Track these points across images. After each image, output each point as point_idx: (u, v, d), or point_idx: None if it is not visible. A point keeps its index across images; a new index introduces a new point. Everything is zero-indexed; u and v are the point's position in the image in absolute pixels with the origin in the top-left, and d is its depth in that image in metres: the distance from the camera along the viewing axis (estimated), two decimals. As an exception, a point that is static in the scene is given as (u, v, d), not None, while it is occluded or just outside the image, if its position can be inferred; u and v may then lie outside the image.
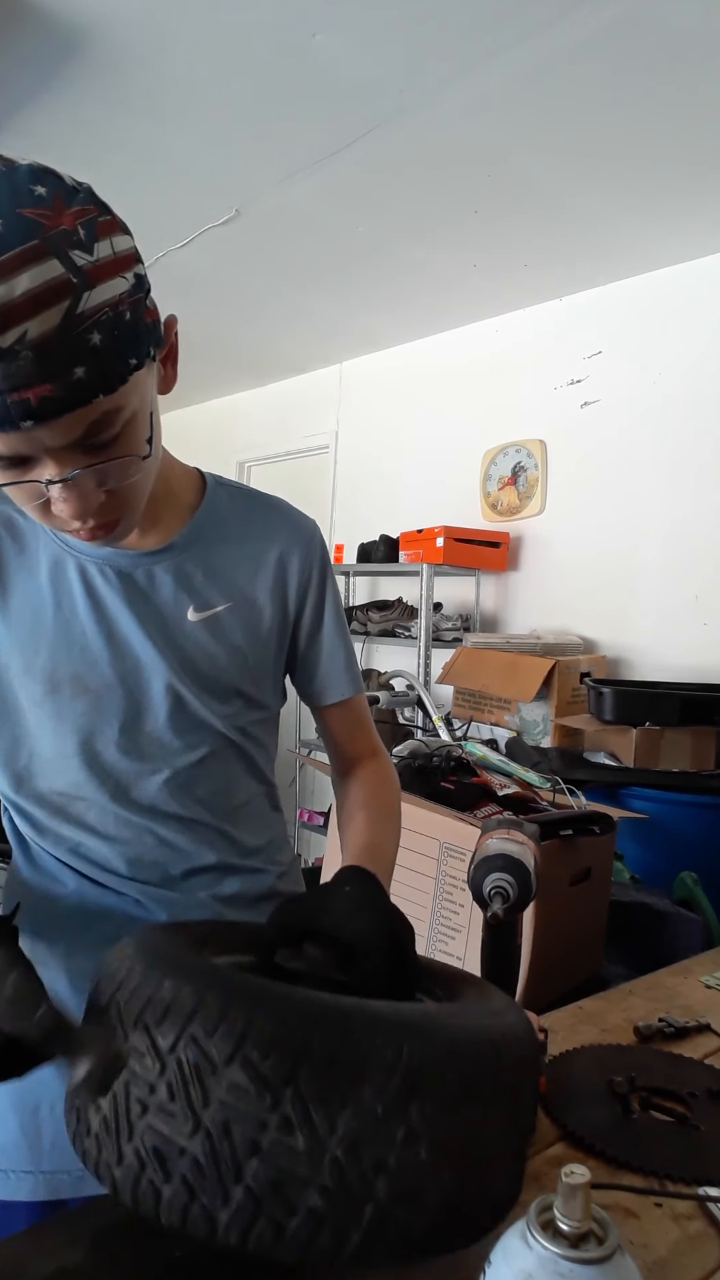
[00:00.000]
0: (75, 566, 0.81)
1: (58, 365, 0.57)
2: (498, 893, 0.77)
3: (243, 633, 0.87)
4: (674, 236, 2.73)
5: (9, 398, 0.56)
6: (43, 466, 0.63)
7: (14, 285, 0.54)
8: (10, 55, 1.95)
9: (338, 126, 2.17)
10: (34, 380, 0.56)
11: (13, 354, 0.55)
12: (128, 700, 0.82)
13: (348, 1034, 0.48)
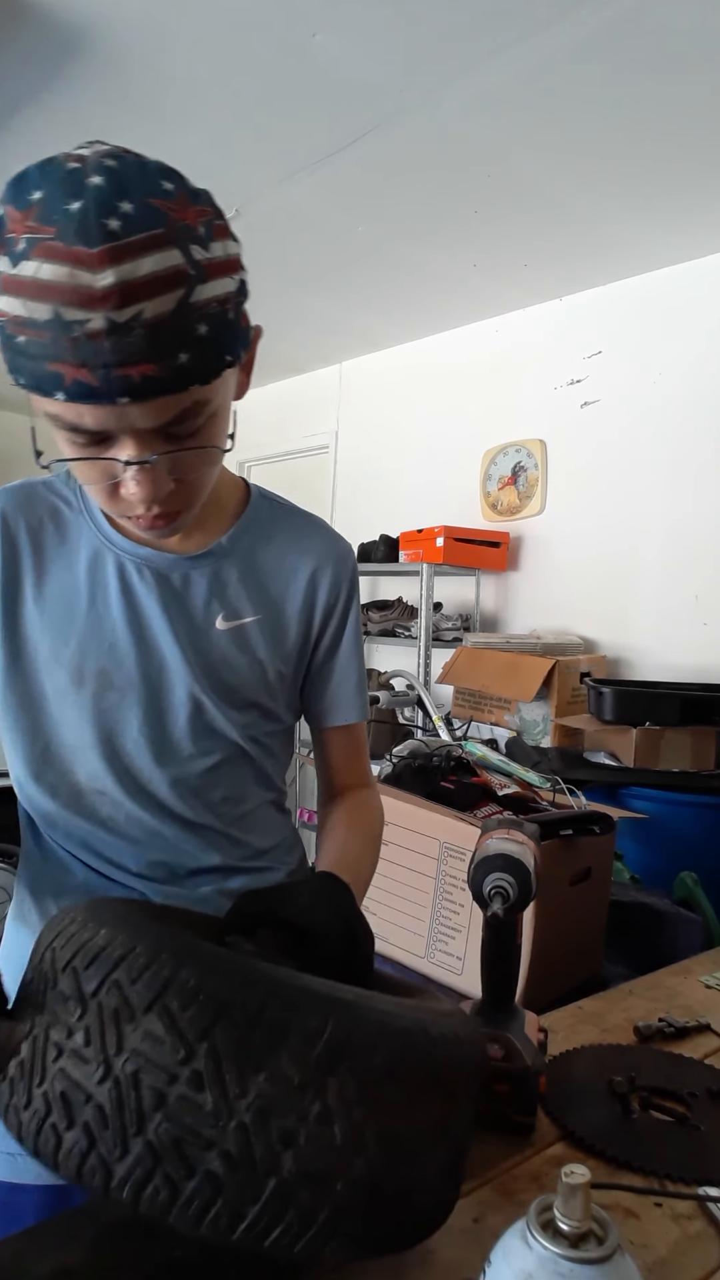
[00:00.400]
0: (114, 563, 0.82)
1: (166, 347, 0.58)
2: (498, 893, 0.77)
3: (267, 646, 0.88)
4: (674, 236, 2.73)
5: (114, 371, 0.57)
6: (122, 446, 0.64)
7: (139, 265, 0.56)
8: (10, 55, 1.95)
9: (338, 126, 2.17)
10: (141, 358, 0.58)
11: (126, 329, 0.57)
12: (150, 701, 0.82)
13: (273, 996, 0.46)
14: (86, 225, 0.55)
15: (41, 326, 0.57)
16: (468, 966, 1.29)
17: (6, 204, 0.58)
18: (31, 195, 0.57)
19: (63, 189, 0.56)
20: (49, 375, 0.58)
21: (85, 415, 0.61)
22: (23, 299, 0.57)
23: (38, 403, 0.62)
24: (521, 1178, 0.72)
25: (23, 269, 0.56)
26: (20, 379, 0.61)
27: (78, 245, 0.55)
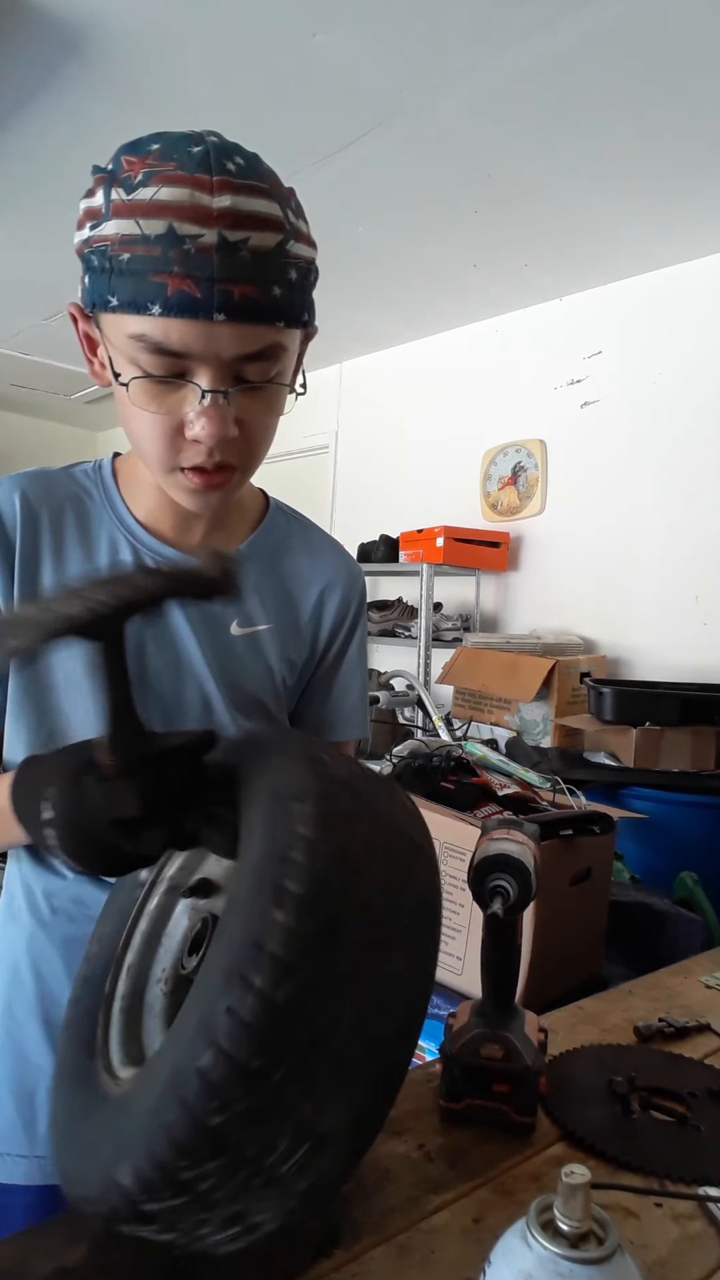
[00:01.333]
0: (134, 558, 0.82)
1: (265, 275, 0.63)
2: (498, 893, 0.77)
3: (277, 654, 0.89)
4: (674, 236, 2.73)
5: (217, 285, 0.61)
6: (199, 377, 0.65)
7: (250, 201, 0.62)
8: (10, 55, 1.95)
9: (338, 126, 2.17)
10: (243, 278, 0.62)
11: (234, 248, 0.61)
12: (160, 698, 0.83)
13: None
14: (208, 160, 0.61)
15: (153, 241, 0.60)
16: (468, 966, 1.29)
17: (123, 155, 0.63)
18: (149, 146, 0.62)
19: (183, 140, 0.62)
20: (151, 286, 0.61)
21: (173, 333, 0.63)
22: (135, 218, 0.60)
23: (122, 325, 0.64)
24: (521, 1178, 0.72)
25: (139, 194, 0.61)
26: (113, 299, 0.63)
27: (199, 174, 0.60)
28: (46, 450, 5.73)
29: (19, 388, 4.99)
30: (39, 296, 3.46)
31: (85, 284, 0.66)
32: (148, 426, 0.69)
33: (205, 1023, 0.42)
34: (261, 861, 0.45)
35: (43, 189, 2.58)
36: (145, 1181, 0.42)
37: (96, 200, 0.64)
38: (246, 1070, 0.40)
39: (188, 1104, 0.40)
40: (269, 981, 0.41)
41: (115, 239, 0.62)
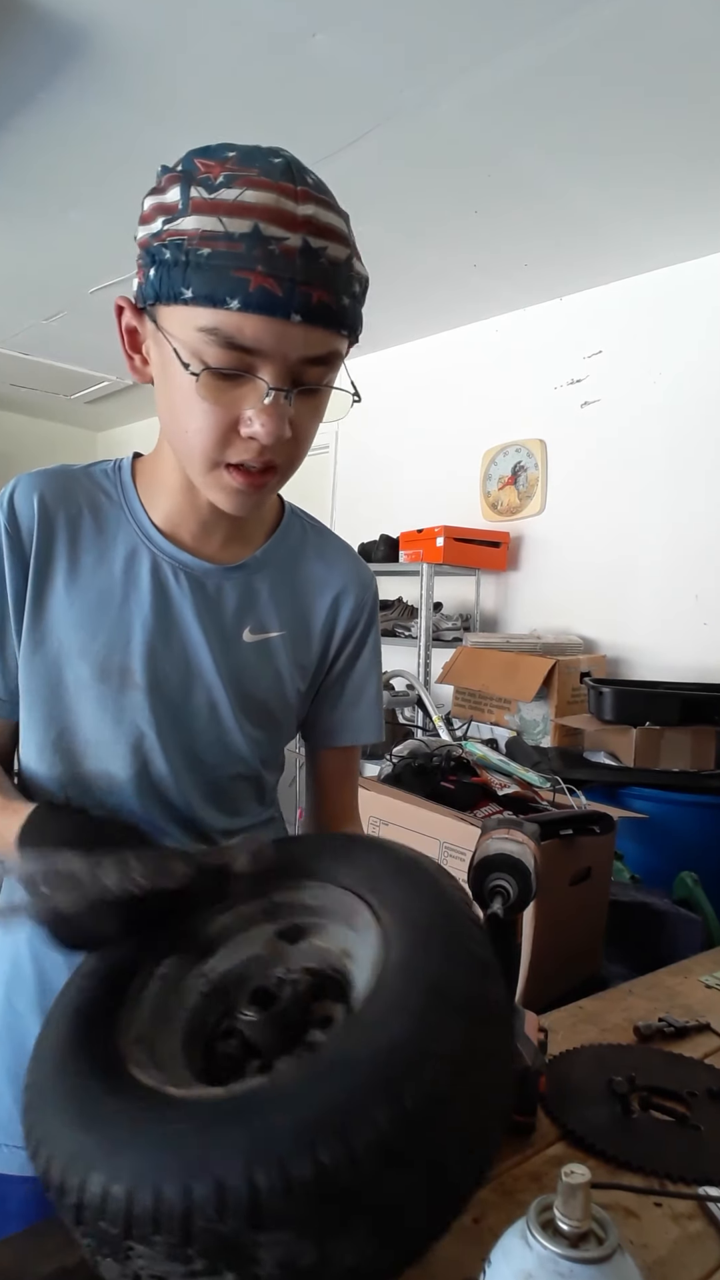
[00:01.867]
0: (150, 562, 0.82)
1: (338, 284, 0.66)
2: (498, 892, 0.77)
3: (289, 661, 0.89)
4: (674, 236, 2.73)
5: (299, 286, 0.63)
6: (263, 376, 0.67)
7: (327, 214, 0.65)
8: (10, 55, 1.95)
9: (338, 126, 2.17)
10: (321, 284, 0.65)
11: (315, 255, 0.64)
12: (171, 704, 0.83)
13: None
14: (290, 171, 0.64)
15: (236, 238, 0.62)
16: (468, 966, 1.29)
17: (196, 159, 0.65)
18: (225, 153, 0.65)
19: (259, 151, 0.65)
20: (232, 281, 0.63)
21: (248, 328, 0.64)
22: (219, 216, 0.62)
23: (193, 317, 0.65)
24: (521, 1178, 0.72)
25: (222, 194, 0.63)
26: (187, 291, 0.64)
27: (283, 181, 0.63)
28: (46, 450, 5.73)
29: (19, 388, 4.99)
30: (39, 296, 3.46)
31: (148, 277, 0.67)
32: (201, 419, 0.69)
33: (386, 1081, 0.47)
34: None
35: (43, 189, 2.58)
36: (279, 1192, 0.44)
37: (170, 197, 0.65)
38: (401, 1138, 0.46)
39: (347, 1141, 0.45)
40: (440, 1079, 0.49)
41: (195, 234, 0.63)
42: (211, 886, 0.59)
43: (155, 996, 0.61)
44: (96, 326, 3.79)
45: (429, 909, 0.60)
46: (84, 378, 4.67)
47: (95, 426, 6.13)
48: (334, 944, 0.65)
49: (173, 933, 0.65)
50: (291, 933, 0.67)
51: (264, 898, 0.69)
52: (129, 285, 0.73)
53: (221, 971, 0.65)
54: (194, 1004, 0.62)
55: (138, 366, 0.76)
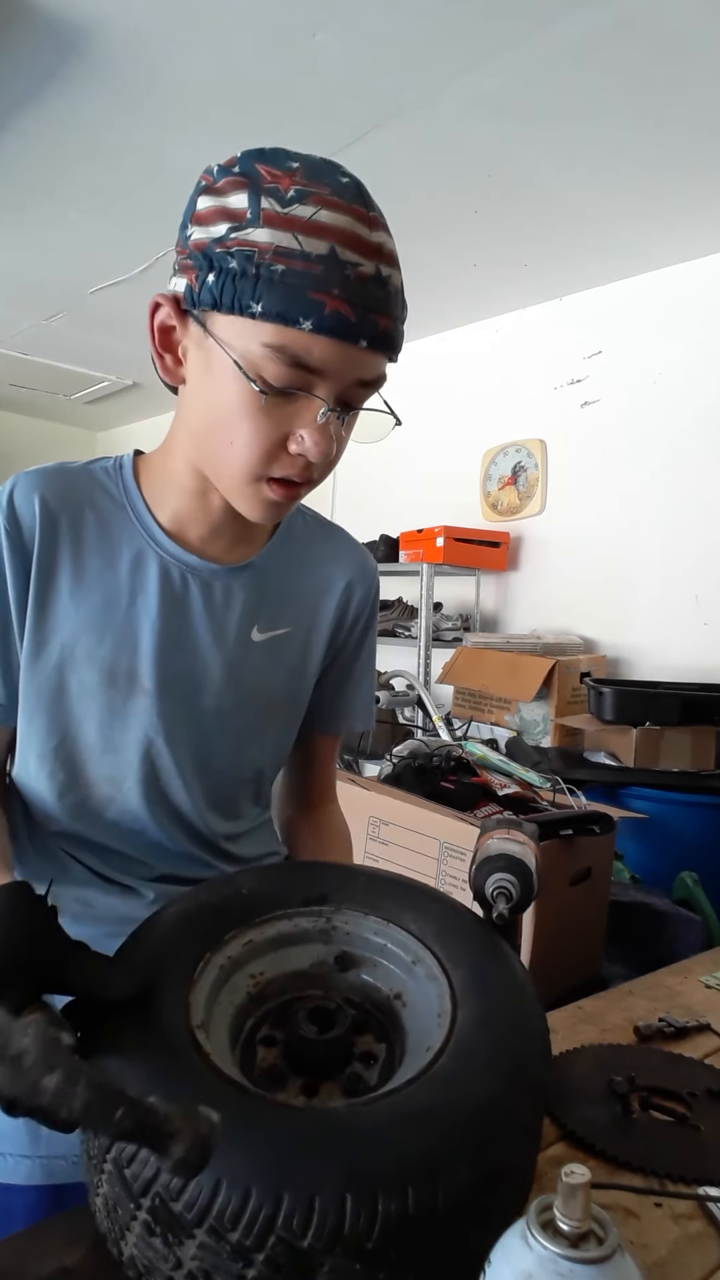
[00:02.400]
0: (158, 566, 0.80)
1: (399, 312, 0.69)
2: (501, 893, 0.77)
3: (297, 657, 0.89)
4: (674, 236, 2.73)
5: (370, 314, 0.65)
6: (322, 392, 0.68)
7: (390, 241, 0.68)
8: (10, 55, 1.95)
9: (338, 126, 2.18)
10: (387, 311, 0.67)
11: (385, 283, 0.66)
12: (178, 707, 0.82)
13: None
14: (362, 194, 0.65)
15: (314, 260, 0.62)
16: (468, 966, 1.29)
17: (257, 165, 0.65)
18: (288, 163, 0.65)
19: (324, 166, 0.65)
20: (307, 302, 0.63)
21: (315, 349, 0.65)
22: (294, 233, 0.62)
23: (257, 332, 0.65)
24: (522, 1178, 0.72)
25: (297, 210, 0.63)
26: (256, 306, 0.64)
27: (357, 206, 0.64)
28: (46, 450, 5.73)
29: (19, 388, 4.99)
30: (39, 296, 3.46)
31: (204, 282, 0.66)
32: (251, 433, 0.69)
33: (478, 1141, 0.50)
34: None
35: (43, 189, 2.58)
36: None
37: (235, 202, 0.64)
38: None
39: (434, 1189, 0.47)
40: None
41: (269, 248, 0.63)
42: (153, 1147, 0.42)
43: (212, 985, 0.61)
44: (96, 326, 3.79)
45: (502, 979, 0.62)
46: (84, 378, 4.67)
47: (95, 426, 6.13)
48: (385, 983, 0.66)
49: (227, 924, 0.65)
50: (343, 959, 0.67)
51: (323, 917, 0.69)
52: (128, 285, 0.73)
53: (269, 978, 0.65)
54: (240, 1003, 0.62)
55: (169, 366, 0.74)
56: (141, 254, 2.97)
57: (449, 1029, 0.58)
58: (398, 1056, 0.60)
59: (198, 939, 0.63)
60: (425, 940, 0.66)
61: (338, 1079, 0.58)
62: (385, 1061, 0.60)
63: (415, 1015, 0.62)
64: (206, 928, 0.64)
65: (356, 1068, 0.59)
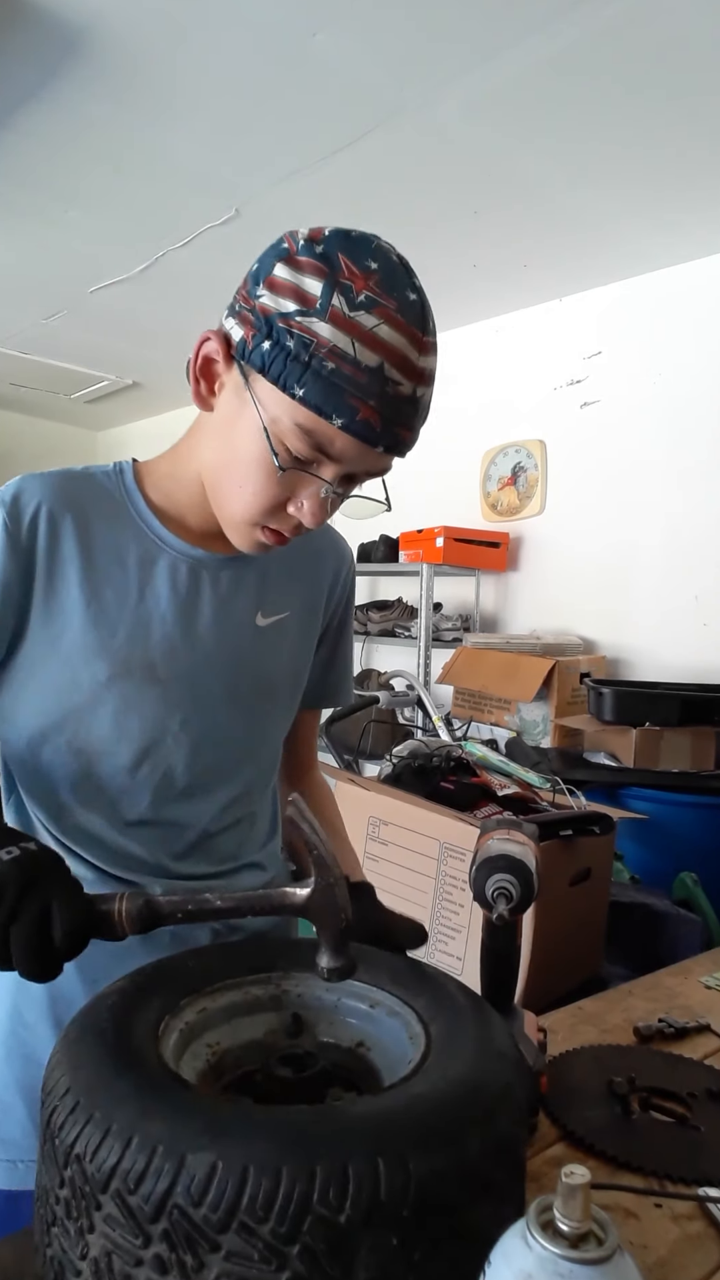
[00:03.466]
0: (166, 561, 0.84)
1: (418, 423, 0.75)
2: (501, 894, 0.77)
3: (298, 639, 0.95)
4: (674, 236, 2.73)
5: (394, 427, 0.71)
6: (324, 474, 0.75)
7: (433, 361, 0.73)
8: (10, 55, 1.95)
9: (338, 126, 2.17)
10: (410, 426, 0.73)
11: (416, 402, 0.72)
12: (190, 696, 0.84)
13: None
14: (424, 319, 0.71)
15: (362, 369, 0.68)
16: (468, 967, 1.29)
17: (340, 254, 0.69)
18: (369, 263, 0.69)
19: (400, 277, 0.70)
20: (344, 404, 0.69)
21: (338, 442, 0.72)
22: (353, 339, 0.68)
23: (293, 410, 0.71)
24: (521, 1178, 0.72)
25: (362, 318, 0.68)
26: (299, 390, 0.70)
27: (415, 328, 0.70)
28: (46, 450, 5.73)
29: (19, 387, 4.99)
30: (39, 296, 3.46)
31: (260, 346, 0.71)
32: (259, 488, 0.76)
33: (484, 1112, 0.51)
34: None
35: (43, 189, 2.57)
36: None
37: (310, 287, 0.69)
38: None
39: (456, 1153, 0.48)
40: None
41: (327, 345, 0.68)
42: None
43: (175, 1046, 0.60)
44: (96, 326, 3.79)
45: (459, 995, 0.65)
46: (84, 377, 4.67)
47: (95, 426, 6.13)
48: (344, 1038, 0.66)
49: (183, 990, 0.64)
50: (296, 1024, 0.67)
51: (272, 983, 0.69)
52: (128, 285, 0.75)
53: (225, 1048, 0.64)
54: (201, 1070, 0.61)
55: (203, 394, 0.79)
56: (141, 254, 2.97)
57: (425, 1043, 0.59)
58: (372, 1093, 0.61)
59: (156, 1002, 0.62)
60: (380, 985, 0.67)
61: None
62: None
63: (384, 1052, 0.64)
64: (162, 993, 0.63)
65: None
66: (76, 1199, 0.47)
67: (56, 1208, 0.48)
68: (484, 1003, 0.65)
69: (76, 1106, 0.49)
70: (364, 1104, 0.52)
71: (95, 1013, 0.59)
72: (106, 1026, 0.57)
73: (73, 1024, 0.58)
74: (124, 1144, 0.45)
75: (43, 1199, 0.51)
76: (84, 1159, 0.46)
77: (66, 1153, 0.47)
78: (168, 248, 2.92)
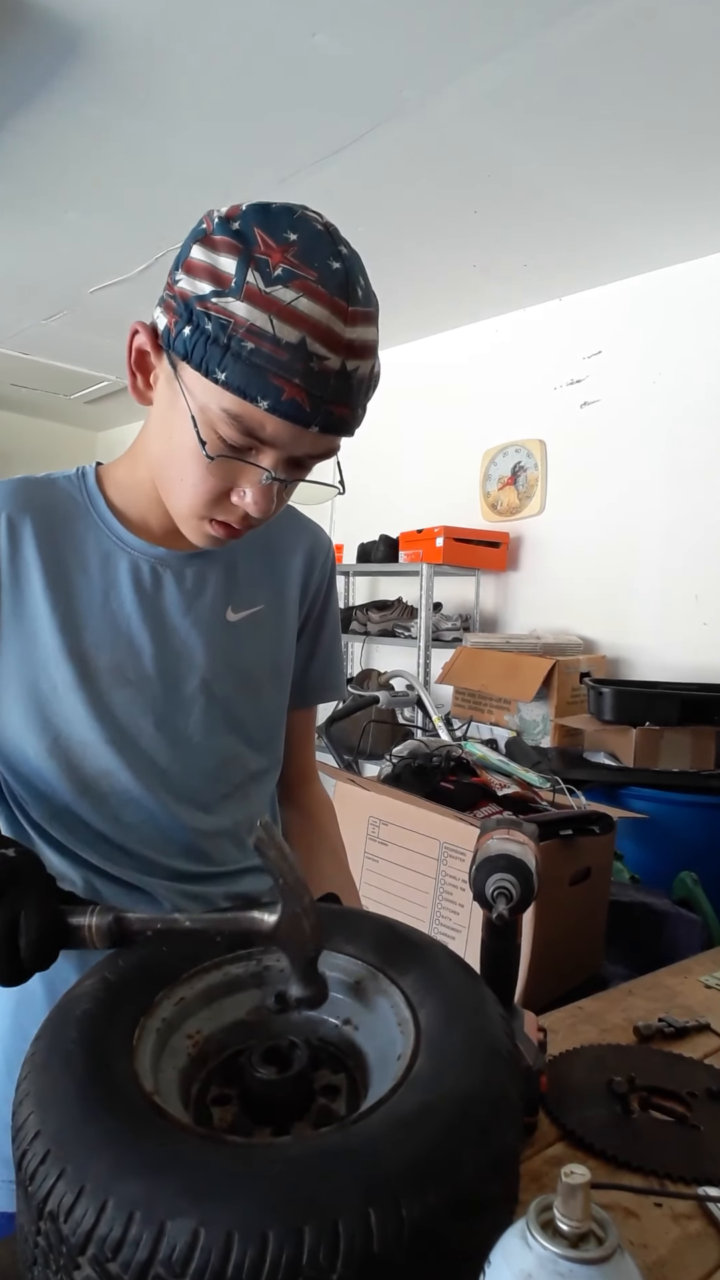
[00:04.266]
0: (127, 561, 0.84)
1: (358, 399, 0.71)
2: (501, 893, 0.77)
3: (274, 632, 0.93)
4: (674, 236, 2.73)
5: (325, 404, 0.68)
6: (266, 460, 0.72)
7: (366, 332, 0.69)
8: (10, 55, 1.95)
9: (338, 126, 2.17)
10: (344, 402, 0.69)
11: (348, 376, 0.68)
12: (164, 695, 0.84)
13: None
14: (347, 286, 0.66)
15: (282, 346, 0.65)
16: (468, 966, 1.29)
17: (256, 227, 0.66)
18: (287, 234, 0.66)
19: (321, 244, 0.67)
20: (267, 385, 0.66)
21: (268, 425, 0.68)
22: (271, 315, 0.64)
23: (219, 396, 0.68)
24: (522, 1178, 0.72)
25: (279, 293, 0.64)
26: (220, 374, 0.67)
27: (338, 298, 0.66)
28: (46, 450, 5.73)
29: (19, 388, 4.99)
30: (39, 296, 3.46)
31: (181, 332, 0.69)
32: (198, 480, 0.74)
33: (480, 1128, 0.49)
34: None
35: (42, 189, 2.58)
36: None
37: (224, 265, 0.66)
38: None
39: (452, 1182, 0.46)
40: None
41: (244, 324, 0.65)
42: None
43: (152, 1051, 0.57)
44: (96, 326, 3.79)
45: (450, 974, 0.62)
46: (84, 378, 4.67)
47: (95, 426, 6.13)
48: (331, 1014, 0.64)
49: (157, 984, 0.62)
50: (280, 1000, 0.64)
51: (254, 960, 0.67)
52: (128, 285, 0.75)
53: (207, 1035, 0.62)
54: (182, 1066, 0.59)
55: (139, 387, 0.78)
56: (141, 254, 2.97)
57: (415, 1033, 0.57)
58: (360, 1080, 0.59)
59: (128, 1004, 0.59)
60: (365, 958, 0.65)
61: (306, 1118, 0.56)
62: (349, 1089, 0.59)
63: (371, 1034, 0.61)
64: (134, 992, 0.60)
65: (322, 1102, 0.57)
66: (54, 1254, 0.44)
67: (35, 1251, 0.46)
68: (474, 980, 0.62)
69: (47, 1156, 0.46)
70: (351, 1137, 0.48)
71: (63, 1027, 0.55)
72: (74, 1049, 0.53)
73: (39, 1041, 0.55)
74: (99, 1207, 0.42)
75: (22, 1237, 0.49)
76: (58, 1217, 0.43)
77: (39, 1207, 0.45)
78: (168, 248, 2.91)
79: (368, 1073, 0.59)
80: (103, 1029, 0.56)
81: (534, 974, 1.21)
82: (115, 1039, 0.55)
